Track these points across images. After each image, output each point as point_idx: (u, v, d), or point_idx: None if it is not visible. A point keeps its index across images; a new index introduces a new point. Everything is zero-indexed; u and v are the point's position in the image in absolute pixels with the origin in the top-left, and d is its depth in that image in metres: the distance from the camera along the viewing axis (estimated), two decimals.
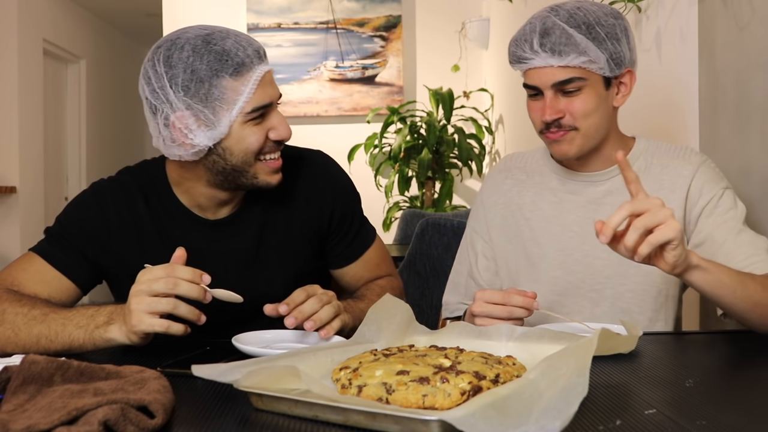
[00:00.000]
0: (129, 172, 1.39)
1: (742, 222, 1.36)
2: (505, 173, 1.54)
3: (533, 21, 1.35)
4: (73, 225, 1.32)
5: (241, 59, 1.21)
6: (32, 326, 1.16)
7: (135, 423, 0.72)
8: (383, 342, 1.05)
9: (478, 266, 1.51)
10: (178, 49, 1.21)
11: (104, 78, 6.95)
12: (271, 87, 1.26)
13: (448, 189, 4.25)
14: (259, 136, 1.25)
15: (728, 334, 1.36)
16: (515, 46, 1.37)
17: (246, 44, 1.24)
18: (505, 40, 4.21)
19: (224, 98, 1.21)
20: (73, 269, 1.30)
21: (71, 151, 6.35)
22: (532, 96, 1.39)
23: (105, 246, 1.32)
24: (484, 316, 1.18)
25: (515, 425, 0.69)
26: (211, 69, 1.20)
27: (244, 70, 1.22)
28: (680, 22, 1.95)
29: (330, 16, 4.68)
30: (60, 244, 1.31)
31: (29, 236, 5.29)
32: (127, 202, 1.34)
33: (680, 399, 0.88)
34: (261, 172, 1.28)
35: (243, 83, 1.21)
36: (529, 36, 1.33)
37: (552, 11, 1.34)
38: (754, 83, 1.60)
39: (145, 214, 1.33)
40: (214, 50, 1.21)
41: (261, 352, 1.03)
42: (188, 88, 1.20)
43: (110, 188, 1.36)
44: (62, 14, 6.03)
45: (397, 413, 0.73)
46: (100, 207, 1.33)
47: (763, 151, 1.57)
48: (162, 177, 1.37)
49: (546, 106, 1.34)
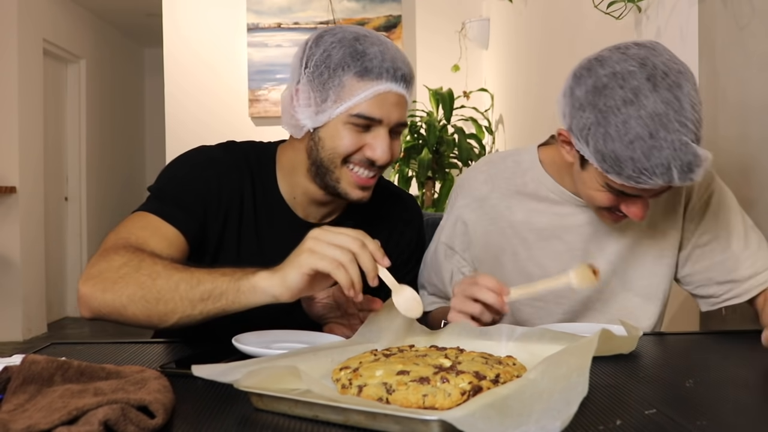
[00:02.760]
0: (241, 150, 1.37)
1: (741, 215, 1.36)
2: (489, 185, 1.42)
3: (666, 147, 1.12)
4: (190, 185, 1.29)
5: (372, 65, 1.22)
6: (172, 273, 1.09)
7: (135, 423, 0.72)
8: (383, 342, 1.05)
9: (453, 283, 1.41)
10: (331, 35, 1.26)
11: (104, 78, 6.95)
12: (392, 108, 1.24)
13: (448, 189, 4.25)
14: (351, 142, 1.24)
15: (728, 334, 1.36)
16: (638, 172, 1.14)
17: (388, 58, 1.24)
18: (505, 40, 4.23)
19: (339, 91, 1.23)
20: (189, 226, 1.25)
21: (71, 151, 6.35)
22: (614, 191, 1.22)
23: (214, 214, 1.29)
24: (458, 311, 1.16)
25: (515, 425, 0.69)
26: (342, 61, 1.23)
27: (369, 77, 1.22)
28: (680, 22, 1.95)
29: (330, 16, 4.68)
30: (174, 202, 1.26)
31: (29, 236, 5.30)
32: (237, 178, 1.33)
33: (680, 399, 0.88)
34: (345, 180, 1.27)
35: (362, 88, 1.22)
36: (667, 170, 1.13)
37: (683, 128, 1.12)
38: (754, 83, 1.60)
39: (249, 196, 1.33)
40: (356, 48, 1.23)
41: (261, 352, 1.03)
42: (317, 67, 1.24)
43: (224, 161, 1.33)
44: (62, 14, 6.03)
45: (397, 413, 0.73)
46: (216, 175, 1.31)
47: (763, 151, 1.57)
48: (270, 162, 1.37)
49: (643, 210, 1.23)
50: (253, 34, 4.72)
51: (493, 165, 1.46)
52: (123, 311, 1.10)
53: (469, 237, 1.43)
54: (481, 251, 1.43)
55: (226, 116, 4.75)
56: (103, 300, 1.10)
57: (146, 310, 1.09)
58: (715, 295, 1.37)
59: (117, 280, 1.10)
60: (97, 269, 1.13)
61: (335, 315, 1.24)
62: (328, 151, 1.26)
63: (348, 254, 1.01)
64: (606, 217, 1.31)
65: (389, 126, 1.25)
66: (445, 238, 1.46)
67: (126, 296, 1.09)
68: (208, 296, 1.06)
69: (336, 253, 1.01)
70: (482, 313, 1.15)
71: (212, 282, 1.07)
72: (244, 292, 1.05)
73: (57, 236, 6.06)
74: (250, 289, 1.05)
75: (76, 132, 6.37)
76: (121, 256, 1.13)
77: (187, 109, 4.78)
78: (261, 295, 1.05)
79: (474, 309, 1.14)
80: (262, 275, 1.05)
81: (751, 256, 1.34)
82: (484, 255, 1.43)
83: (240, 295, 1.06)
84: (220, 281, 1.06)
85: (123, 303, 1.09)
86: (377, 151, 1.25)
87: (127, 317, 1.10)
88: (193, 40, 4.80)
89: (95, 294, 1.11)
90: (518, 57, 3.94)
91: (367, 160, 1.26)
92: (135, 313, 1.09)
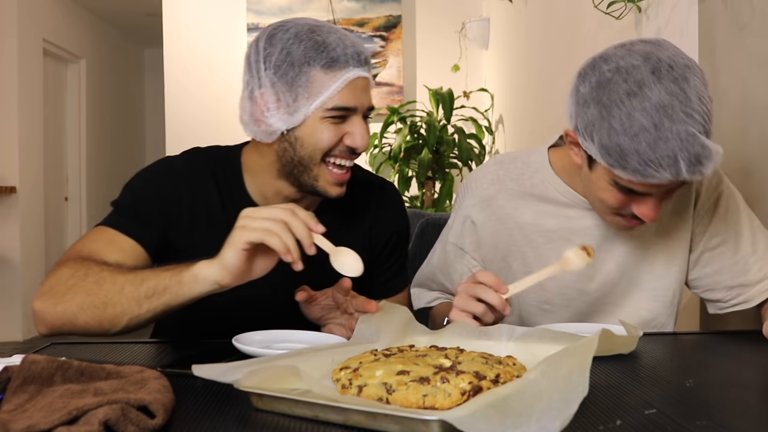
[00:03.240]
0: (202, 154, 1.36)
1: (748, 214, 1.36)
2: (497, 185, 1.41)
3: (672, 138, 1.10)
4: (146, 196, 1.29)
5: (337, 55, 1.21)
6: (117, 277, 1.10)
7: (135, 423, 0.72)
8: (383, 342, 1.05)
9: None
10: (284, 31, 1.23)
11: (104, 78, 6.95)
12: (362, 94, 1.24)
13: (448, 189, 4.25)
14: (332, 135, 1.23)
15: (728, 334, 1.36)
16: (643, 165, 1.11)
17: (349, 44, 1.23)
18: (506, 40, 4.23)
19: (309, 87, 1.20)
20: (146, 237, 1.25)
21: (71, 151, 6.35)
22: (624, 190, 1.20)
23: (175, 220, 1.29)
24: (461, 310, 1.16)
25: (515, 425, 0.69)
26: (305, 56, 1.20)
27: (337, 67, 1.21)
28: (680, 22, 1.95)
29: (330, 16, 4.68)
30: (131, 214, 1.27)
31: (29, 236, 5.30)
32: (199, 183, 1.31)
33: (680, 399, 0.88)
34: (323, 178, 1.26)
35: (332, 78, 1.20)
36: (674, 162, 1.10)
37: (689, 119, 1.10)
38: (754, 83, 1.60)
39: (215, 198, 1.31)
40: (315, 39, 1.21)
41: (261, 352, 1.03)
42: (278, 67, 1.21)
43: (184, 166, 1.33)
44: (62, 14, 6.03)
45: (397, 413, 0.73)
46: (173, 182, 1.30)
47: (763, 151, 1.57)
48: (235, 164, 1.35)
49: (654, 210, 1.19)
50: (253, 34, 4.72)
51: (501, 165, 1.44)
52: (75, 320, 1.11)
53: (478, 236, 1.42)
54: (488, 251, 1.42)
55: (226, 116, 4.75)
56: (55, 313, 1.12)
57: (96, 316, 1.10)
58: (723, 300, 1.36)
59: (66, 291, 1.12)
60: (48, 285, 1.15)
61: (334, 316, 1.24)
62: (308, 149, 1.23)
63: (279, 223, 1.02)
64: (617, 223, 1.28)
65: (363, 112, 1.25)
66: (453, 238, 1.45)
67: (75, 305, 1.10)
68: (152, 293, 1.08)
69: (266, 224, 1.02)
70: (485, 313, 1.14)
71: (155, 279, 1.08)
72: (186, 283, 1.06)
73: (57, 236, 6.05)
74: (191, 278, 1.06)
75: (76, 132, 6.38)
76: (69, 268, 1.15)
77: (187, 109, 4.78)
78: (202, 283, 1.05)
79: (477, 308, 1.14)
80: (201, 264, 1.06)
81: (759, 260, 1.33)
82: (491, 255, 1.42)
83: (183, 286, 1.06)
84: (163, 276, 1.08)
85: (74, 312, 1.11)
86: (358, 139, 1.23)
87: (79, 326, 1.12)
88: (193, 40, 4.80)
89: (47, 309, 1.12)
90: (518, 57, 3.93)
91: (348, 150, 1.25)
92: (86, 320, 1.10)
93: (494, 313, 1.15)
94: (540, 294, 1.38)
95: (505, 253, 1.40)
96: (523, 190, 1.40)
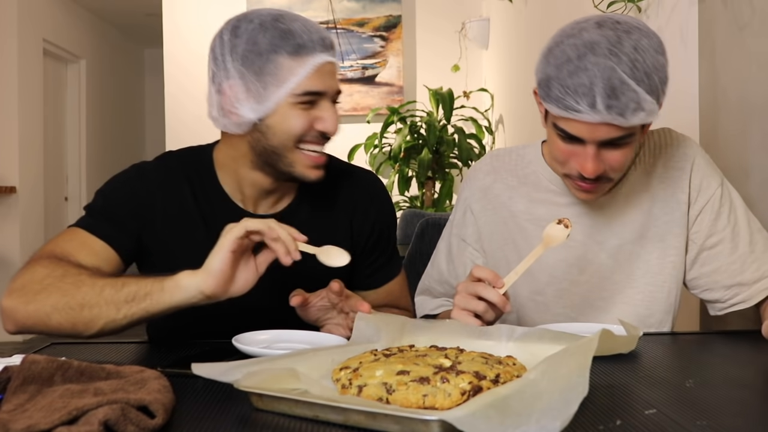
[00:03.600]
0: (174, 156, 1.37)
1: (745, 215, 1.36)
2: (492, 176, 1.45)
3: (591, 69, 1.15)
4: (118, 199, 1.29)
5: (303, 41, 1.21)
6: (96, 280, 1.10)
7: (135, 423, 0.72)
8: (383, 342, 1.05)
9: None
10: (247, 22, 1.23)
11: (104, 78, 6.95)
12: (330, 78, 1.24)
13: (448, 189, 4.25)
14: (303, 121, 1.22)
15: (728, 334, 1.36)
16: (562, 92, 1.17)
17: (313, 30, 1.23)
18: (506, 40, 4.23)
19: (277, 75, 1.20)
20: (119, 240, 1.25)
21: (71, 151, 6.35)
22: (564, 139, 1.23)
23: (149, 223, 1.28)
24: (462, 308, 1.16)
25: (515, 425, 0.69)
26: (272, 44, 1.20)
27: (304, 53, 1.21)
28: (680, 22, 1.95)
29: (330, 16, 4.68)
30: (104, 217, 1.27)
31: (29, 236, 5.30)
32: (172, 185, 1.31)
33: (680, 399, 0.88)
34: (299, 163, 1.25)
35: (300, 64, 1.21)
36: (589, 90, 1.14)
37: (612, 56, 1.14)
38: (754, 83, 1.60)
39: (189, 199, 1.31)
40: (280, 28, 1.21)
41: (261, 352, 1.03)
42: (246, 58, 1.21)
43: (155, 169, 1.33)
44: (62, 14, 6.03)
45: (397, 413, 0.73)
46: (146, 186, 1.30)
47: (763, 151, 1.57)
48: (208, 162, 1.35)
49: (590, 161, 1.21)
50: None
51: (497, 158, 1.48)
52: (47, 321, 1.10)
53: (477, 226, 1.45)
54: (487, 242, 1.44)
55: None
56: (26, 312, 1.11)
57: (70, 317, 1.09)
58: (721, 300, 1.37)
59: (40, 290, 1.11)
60: (20, 282, 1.14)
61: (331, 316, 1.24)
62: (280, 136, 1.23)
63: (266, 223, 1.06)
64: (574, 189, 1.31)
65: (332, 96, 1.25)
66: (456, 230, 1.47)
67: (50, 305, 1.09)
68: (132, 298, 1.08)
69: (256, 223, 1.05)
70: (486, 312, 1.15)
71: (136, 284, 1.08)
72: (167, 291, 1.07)
73: None
74: (173, 286, 1.07)
75: (76, 132, 6.38)
76: (44, 267, 1.14)
77: (187, 109, 4.78)
78: (184, 290, 1.06)
79: (478, 307, 1.15)
80: (185, 273, 1.07)
81: (756, 260, 1.34)
82: (489, 246, 1.44)
83: (164, 294, 1.07)
84: (144, 282, 1.08)
85: (47, 312, 1.10)
86: (328, 123, 1.23)
87: (51, 327, 1.11)
88: (193, 40, 4.80)
89: (18, 307, 1.11)
90: (518, 57, 3.94)
91: (319, 134, 1.25)
92: (59, 321, 1.10)
93: (495, 310, 1.16)
94: (531, 284, 1.39)
95: (501, 242, 1.43)
96: (517, 180, 1.44)
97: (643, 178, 1.38)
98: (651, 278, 1.37)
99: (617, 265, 1.37)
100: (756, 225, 1.37)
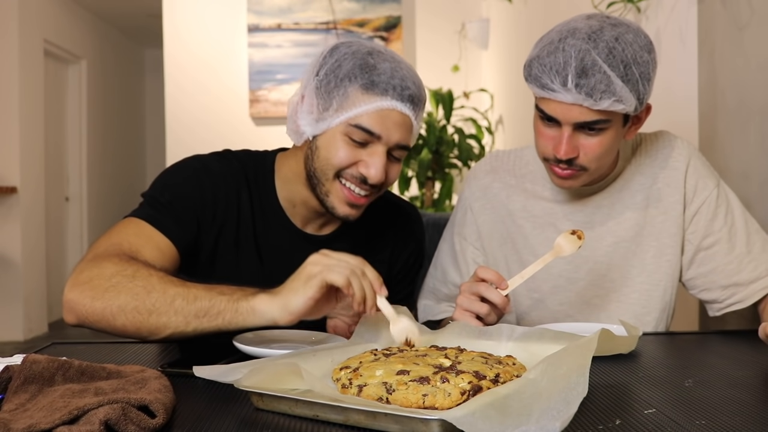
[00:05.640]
0: (236, 158, 1.35)
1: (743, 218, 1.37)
2: (492, 175, 1.48)
3: (567, 50, 1.20)
4: (185, 194, 1.27)
5: (380, 80, 1.21)
6: (168, 287, 1.07)
7: (136, 422, 0.72)
8: (383, 342, 1.05)
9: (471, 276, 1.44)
10: (345, 47, 1.25)
11: (105, 78, 6.95)
12: (394, 128, 1.21)
13: (448, 189, 4.25)
14: (346, 154, 1.22)
15: (727, 334, 1.36)
16: (540, 71, 1.22)
17: (399, 77, 1.22)
18: (506, 41, 4.23)
19: (342, 101, 1.21)
20: (183, 239, 1.24)
21: (72, 152, 6.35)
22: (544, 120, 1.28)
23: (207, 223, 1.27)
24: (465, 309, 1.17)
25: (515, 425, 0.69)
26: (351, 72, 1.21)
27: (374, 91, 1.20)
28: (680, 23, 1.95)
29: (330, 16, 4.68)
30: (170, 213, 1.24)
31: (30, 236, 5.30)
32: (233, 187, 1.31)
33: (680, 399, 0.88)
34: (334, 194, 1.25)
35: (365, 100, 1.20)
36: (562, 69, 1.19)
37: (590, 41, 1.19)
38: (753, 84, 1.60)
39: (246, 204, 1.31)
40: (367, 61, 1.22)
41: (261, 352, 1.04)
42: (326, 76, 1.23)
43: (221, 172, 1.31)
44: (63, 15, 6.03)
45: (397, 413, 0.74)
46: (211, 184, 1.29)
47: (762, 152, 1.57)
48: (268, 171, 1.35)
49: (563, 143, 1.25)
50: (253, 35, 4.72)
51: (497, 158, 1.51)
52: (112, 321, 1.08)
53: (477, 226, 1.46)
54: (485, 241, 1.46)
55: (226, 116, 4.76)
56: (92, 307, 1.09)
57: (137, 321, 1.07)
58: (719, 300, 1.37)
59: (108, 288, 1.09)
60: (86, 275, 1.11)
61: (343, 312, 1.22)
62: (322, 161, 1.23)
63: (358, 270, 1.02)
64: (553, 177, 1.32)
65: (388, 145, 1.22)
66: (458, 229, 1.49)
67: (117, 305, 1.08)
68: (204, 314, 1.05)
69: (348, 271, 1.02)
70: (488, 314, 1.16)
71: (209, 300, 1.05)
72: (242, 314, 1.05)
73: (58, 236, 6.06)
74: (249, 311, 1.04)
75: (76, 132, 6.38)
76: (113, 264, 1.12)
77: (187, 109, 4.78)
78: (259, 318, 1.04)
79: (481, 309, 1.16)
80: (261, 298, 1.04)
81: (753, 260, 1.34)
82: (488, 244, 1.46)
83: (238, 315, 1.05)
84: (218, 300, 1.05)
85: (113, 312, 1.08)
86: (371, 169, 1.21)
87: (115, 327, 1.09)
88: (193, 40, 4.80)
89: (83, 301, 1.09)
90: (518, 57, 3.94)
91: (360, 177, 1.23)
92: (125, 323, 1.08)
93: (496, 312, 1.16)
94: (528, 281, 1.38)
95: (500, 241, 1.44)
96: (515, 179, 1.46)
97: (638, 178, 1.39)
98: (647, 277, 1.38)
99: (613, 264, 1.38)
100: (754, 226, 1.37)
